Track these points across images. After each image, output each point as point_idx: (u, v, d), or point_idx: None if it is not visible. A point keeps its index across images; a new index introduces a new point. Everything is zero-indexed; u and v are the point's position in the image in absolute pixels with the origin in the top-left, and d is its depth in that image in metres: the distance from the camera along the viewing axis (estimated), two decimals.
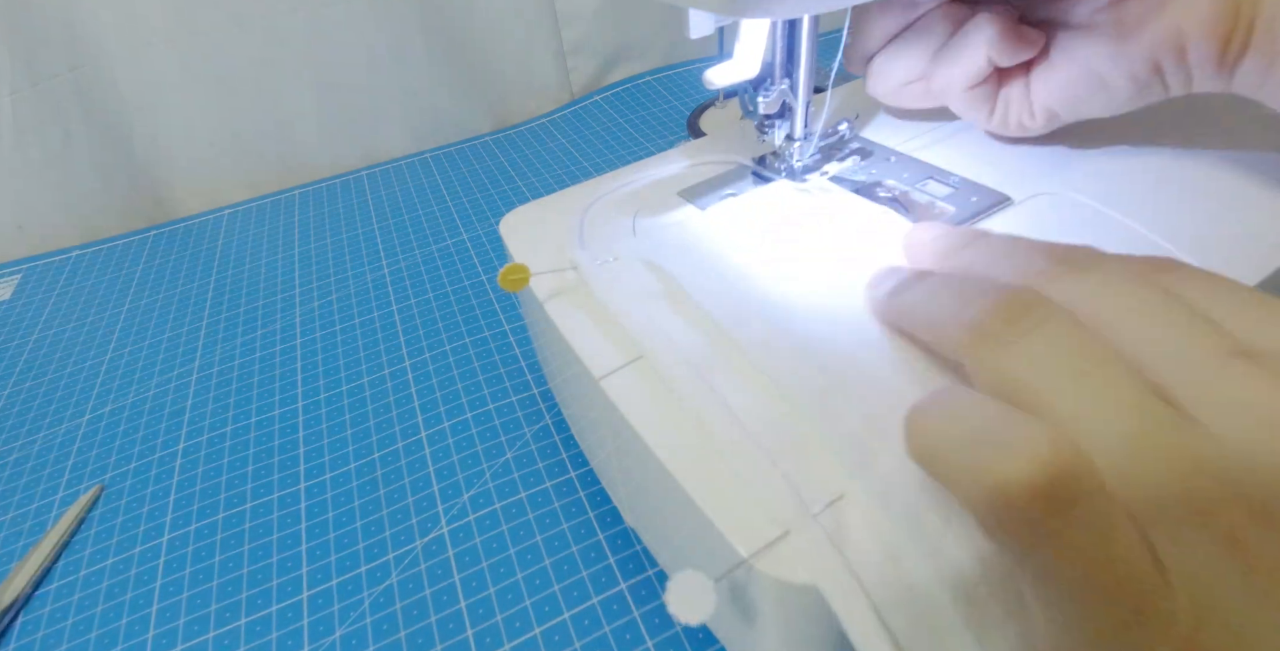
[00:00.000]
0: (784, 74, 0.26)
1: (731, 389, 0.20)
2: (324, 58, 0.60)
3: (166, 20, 0.55)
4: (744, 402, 0.19)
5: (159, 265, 0.55)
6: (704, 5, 0.21)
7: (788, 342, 0.20)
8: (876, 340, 0.20)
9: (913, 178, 0.28)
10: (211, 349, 0.45)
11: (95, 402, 0.42)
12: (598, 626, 0.26)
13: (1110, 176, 0.27)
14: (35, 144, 0.56)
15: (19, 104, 0.54)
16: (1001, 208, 0.26)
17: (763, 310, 0.22)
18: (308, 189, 0.61)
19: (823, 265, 0.24)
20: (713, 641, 0.25)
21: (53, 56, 0.54)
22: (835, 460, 0.17)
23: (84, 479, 0.37)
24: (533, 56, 0.67)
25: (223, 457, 0.37)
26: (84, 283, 0.54)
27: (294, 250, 0.53)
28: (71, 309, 0.51)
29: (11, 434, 0.41)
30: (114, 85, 0.57)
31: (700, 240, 0.26)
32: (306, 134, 0.63)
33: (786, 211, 0.27)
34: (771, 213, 0.27)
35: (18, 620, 0.31)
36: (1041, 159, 0.28)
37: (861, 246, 0.24)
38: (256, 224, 0.58)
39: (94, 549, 0.33)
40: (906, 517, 0.16)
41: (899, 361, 0.19)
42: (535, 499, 0.32)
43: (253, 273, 0.52)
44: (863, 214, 0.26)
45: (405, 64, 0.63)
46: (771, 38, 0.25)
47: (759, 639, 0.19)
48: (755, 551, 0.16)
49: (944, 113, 0.29)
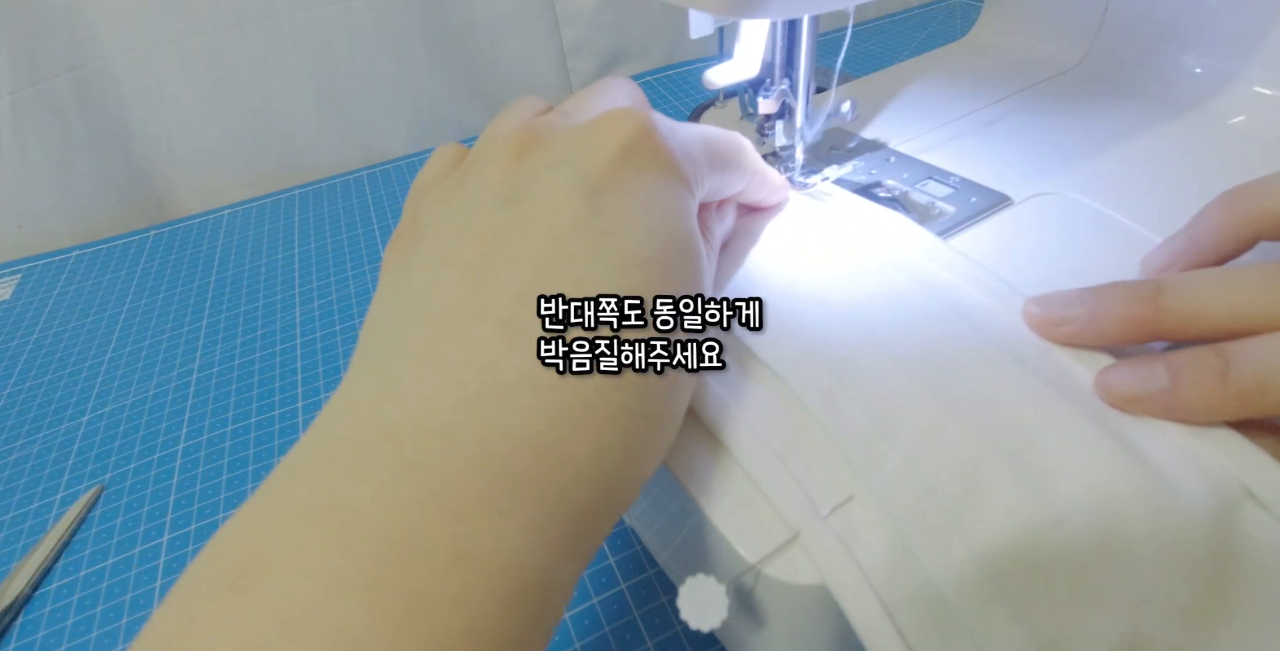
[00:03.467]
0: (784, 74, 0.26)
1: (738, 388, 0.20)
2: (324, 58, 0.60)
3: (166, 20, 0.55)
4: (751, 402, 0.19)
5: (159, 265, 0.55)
6: (704, 5, 0.21)
7: (793, 341, 0.20)
8: (882, 338, 0.20)
9: (912, 178, 0.28)
10: (211, 349, 0.45)
11: (95, 402, 0.42)
12: (598, 626, 0.26)
13: (1110, 176, 0.27)
14: (35, 144, 0.56)
15: (19, 104, 0.54)
16: (1001, 208, 0.26)
17: (767, 310, 0.22)
18: (308, 189, 0.61)
19: (827, 264, 0.24)
20: (713, 641, 0.25)
21: (53, 56, 0.54)
22: (843, 460, 0.17)
23: (84, 479, 0.37)
24: (533, 56, 0.67)
25: (223, 457, 0.37)
26: (84, 283, 0.54)
27: (294, 250, 0.53)
28: (71, 309, 0.51)
29: (11, 434, 0.41)
30: (114, 85, 0.57)
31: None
32: (306, 134, 0.63)
33: (788, 211, 0.27)
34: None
35: (18, 620, 0.31)
36: (1041, 159, 0.28)
37: (865, 245, 0.24)
38: (256, 224, 0.58)
39: (94, 549, 0.33)
40: (913, 518, 0.16)
41: (905, 360, 0.19)
42: None
43: (253, 272, 0.52)
44: (865, 214, 0.26)
45: (405, 64, 0.63)
46: (771, 38, 0.25)
47: (767, 640, 0.19)
48: (765, 556, 0.16)
49: (943, 112, 0.29)
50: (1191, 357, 0.17)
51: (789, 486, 0.17)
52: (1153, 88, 0.32)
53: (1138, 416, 0.17)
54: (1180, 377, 0.17)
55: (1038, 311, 0.20)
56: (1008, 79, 0.34)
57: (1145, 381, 0.17)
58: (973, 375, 0.19)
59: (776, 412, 0.19)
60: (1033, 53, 0.36)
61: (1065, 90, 0.33)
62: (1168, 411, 0.17)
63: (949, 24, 0.70)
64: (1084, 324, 0.19)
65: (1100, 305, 0.18)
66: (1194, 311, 0.17)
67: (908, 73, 0.37)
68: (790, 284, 0.23)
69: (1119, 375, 0.18)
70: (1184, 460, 0.16)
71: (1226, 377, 0.16)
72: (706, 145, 0.20)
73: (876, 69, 0.39)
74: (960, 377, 0.19)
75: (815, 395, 0.19)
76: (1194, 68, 0.31)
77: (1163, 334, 0.18)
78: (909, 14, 0.73)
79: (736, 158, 0.22)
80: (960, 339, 0.20)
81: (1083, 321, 0.19)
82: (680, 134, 0.19)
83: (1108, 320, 0.18)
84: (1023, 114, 0.32)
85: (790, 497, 0.17)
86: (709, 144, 0.20)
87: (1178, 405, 0.17)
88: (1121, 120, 0.30)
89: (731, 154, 0.22)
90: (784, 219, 0.26)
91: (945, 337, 0.20)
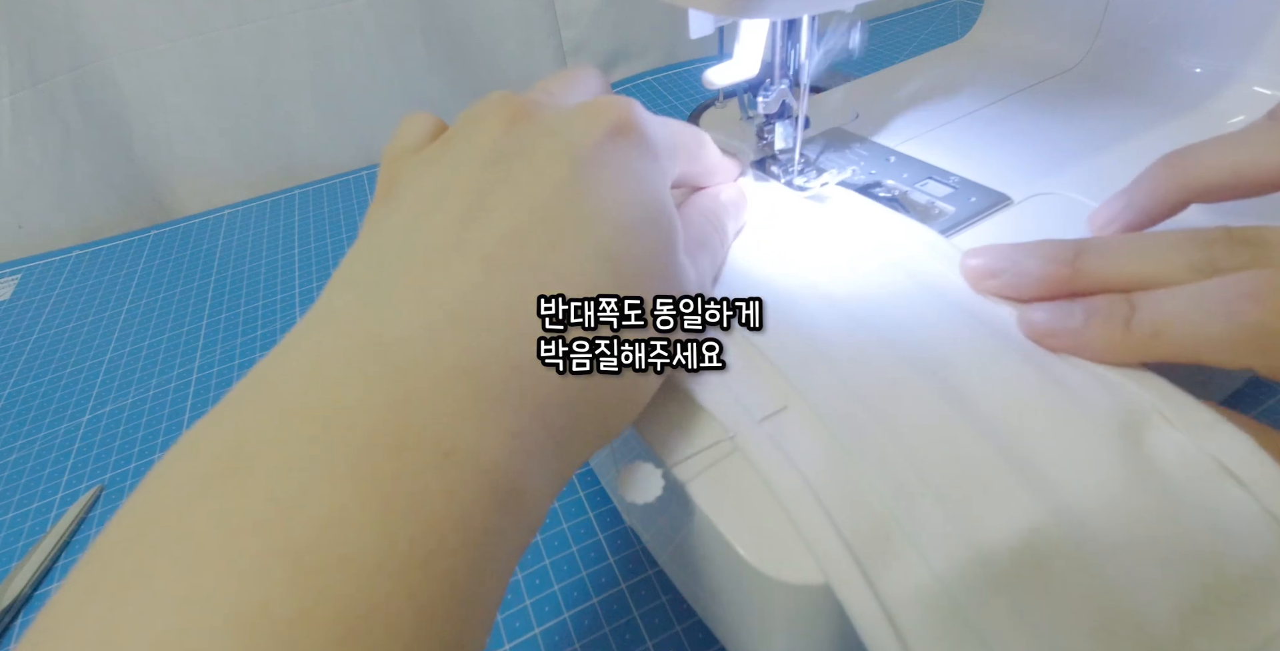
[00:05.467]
0: (784, 74, 0.26)
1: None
2: (324, 58, 0.60)
3: (166, 20, 0.55)
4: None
5: (159, 265, 0.55)
6: (704, 5, 0.21)
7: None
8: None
9: (912, 177, 0.28)
10: (211, 349, 0.45)
11: (95, 402, 0.42)
12: (598, 626, 0.26)
13: (1110, 176, 0.27)
14: (35, 144, 0.56)
15: (19, 104, 0.54)
16: (1001, 207, 0.26)
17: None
18: (308, 189, 0.61)
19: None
20: (713, 642, 0.25)
21: (53, 56, 0.54)
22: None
23: (84, 479, 0.37)
24: (533, 56, 0.67)
25: None
26: (84, 282, 0.54)
27: (294, 250, 0.53)
28: (71, 309, 0.51)
29: (11, 434, 0.41)
30: (114, 85, 0.57)
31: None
32: (306, 134, 0.63)
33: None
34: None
35: (18, 620, 0.31)
36: (1041, 159, 0.28)
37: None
38: (256, 224, 0.58)
39: None
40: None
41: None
42: None
43: (253, 273, 0.52)
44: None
45: (405, 64, 0.63)
46: (771, 38, 0.25)
47: (765, 639, 0.19)
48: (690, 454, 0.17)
49: (943, 112, 0.29)
50: (1106, 302, 0.19)
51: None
52: (1153, 88, 0.32)
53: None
54: (1091, 318, 0.19)
55: (973, 264, 0.21)
56: (1008, 79, 0.35)
57: (1061, 319, 0.19)
58: (980, 371, 0.19)
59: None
60: (1033, 53, 0.36)
61: (1065, 90, 0.33)
62: (1076, 348, 0.19)
63: (949, 24, 0.70)
64: (1009, 278, 0.21)
65: (1025, 262, 0.20)
66: (1107, 273, 0.19)
67: (908, 73, 0.37)
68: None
69: (1040, 311, 0.20)
70: (1099, 384, 0.18)
71: (1130, 323, 0.18)
72: (671, 135, 0.21)
73: (876, 69, 0.39)
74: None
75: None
76: (1194, 68, 0.31)
77: (1078, 291, 0.20)
78: (909, 14, 0.73)
79: (696, 149, 0.24)
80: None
81: (1009, 276, 0.21)
82: (656, 123, 0.20)
83: (1030, 277, 0.20)
84: (1023, 114, 0.32)
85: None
86: (673, 134, 0.22)
87: (1084, 343, 0.19)
88: (1121, 120, 0.30)
89: (692, 145, 0.24)
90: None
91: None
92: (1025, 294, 0.20)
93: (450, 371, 0.14)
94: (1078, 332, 0.19)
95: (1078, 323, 0.19)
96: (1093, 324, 0.18)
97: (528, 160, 0.17)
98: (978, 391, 0.18)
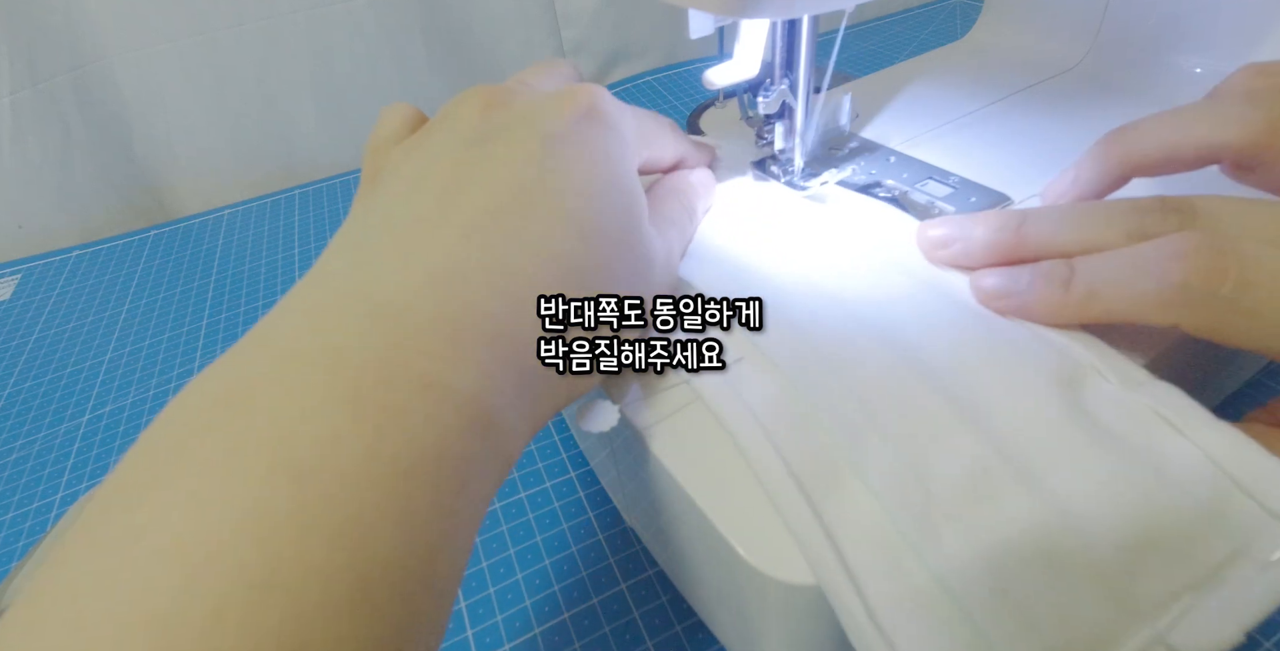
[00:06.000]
0: (784, 74, 0.26)
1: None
2: (324, 58, 0.60)
3: (166, 20, 0.55)
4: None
5: (159, 265, 0.55)
6: (704, 5, 0.21)
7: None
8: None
9: (912, 177, 0.28)
10: (211, 349, 0.45)
11: (95, 402, 0.42)
12: (598, 626, 0.26)
13: None
14: (35, 144, 0.56)
15: (19, 104, 0.54)
16: (1001, 207, 0.26)
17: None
18: (308, 189, 0.61)
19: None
20: (713, 642, 0.25)
21: (53, 56, 0.54)
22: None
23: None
24: (533, 56, 0.67)
25: None
26: (84, 282, 0.54)
27: (294, 250, 0.53)
28: (71, 309, 0.51)
29: (11, 434, 0.41)
30: (114, 85, 0.57)
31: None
32: (306, 134, 0.63)
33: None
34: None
35: None
36: (1041, 159, 0.28)
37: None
38: (256, 224, 0.58)
39: None
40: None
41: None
42: (535, 499, 0.32)
43: (253, 273, 0.52)
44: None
45: (405, 64, 0.63)
46: (771, 38, 0.25)
47: (761, 639, 0.19)
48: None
49: (943, 112, 0.29)
50: (1050, 266, 0.20)
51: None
52: (1153, 88, 0.32)
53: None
54: (1035, 281, 0.20)
55: (929, 235, 0.23)
56: (1008, 79, 0.35)
57: (1009, 282, 0.20)
58: (976, 372, 0.19)
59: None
60: (1033, 53, 0.36)
61: (1065, 90, 0.33)
62: (1022, 310, 0.20)
63: (949, 24, 0.70)
64: (960, 247, 0.22)
65: (973, 231, 0.22)
66: (1047, 240, 0.20)
67: (908, 73, 0.37)
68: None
69: (990, 276, 0.21)
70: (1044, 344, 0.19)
71: (1069, 285, 0.19)
72: (638, 120, 0.23)
73: (876, 69, 0.39)
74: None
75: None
76: (1194, 68, 0.31)
77: (1025, 258, 0.21)
78: (909, 14, 0.73)
79: (662, 133, 0.25)
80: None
81: (959, 245, 0.22)
82: (623, 109, 0.22)
83: (977, 242, 0.21)
84: (1023, 114, 0.32)
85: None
86: (640, 120, 0.23)
87: (1028, 304, 0.20)
88: (1121, 120, 0.30)
89: (658, 130, 0.25)
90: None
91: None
92: (975, 261, 0.22)
93: (431, 319, 0.16)
94: (1022, 294, 0.20)
95: (1022, 285, 0.20)
96: (1036, 285, 0.20)
97: (503, 142, 0.19)
98: (930, 351, 0.19)
